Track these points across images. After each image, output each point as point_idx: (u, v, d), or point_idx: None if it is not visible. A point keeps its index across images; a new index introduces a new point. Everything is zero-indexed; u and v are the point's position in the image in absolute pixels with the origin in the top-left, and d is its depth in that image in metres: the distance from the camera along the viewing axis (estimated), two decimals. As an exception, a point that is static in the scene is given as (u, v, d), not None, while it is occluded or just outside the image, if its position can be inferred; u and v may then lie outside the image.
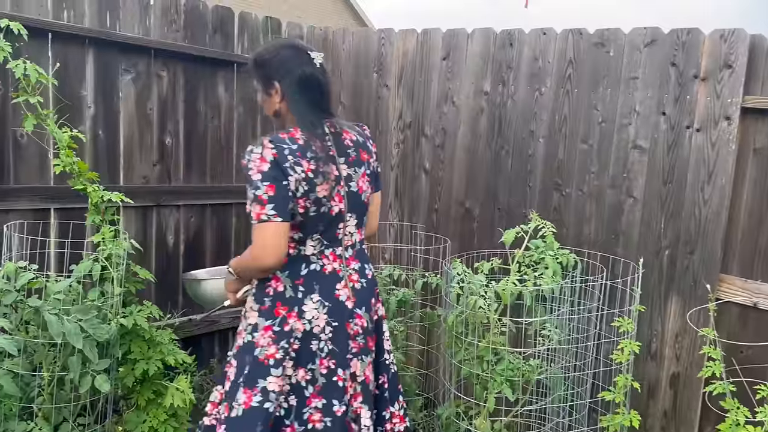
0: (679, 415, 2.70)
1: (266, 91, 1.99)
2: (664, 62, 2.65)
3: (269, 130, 3.77)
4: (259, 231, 1.83)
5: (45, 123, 2.50)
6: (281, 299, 1.92)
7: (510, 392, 2.34)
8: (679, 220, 2.65)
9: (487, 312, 2.33)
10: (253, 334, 1.93)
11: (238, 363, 1.95)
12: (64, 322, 2.10)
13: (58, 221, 2.89)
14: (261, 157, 1.82)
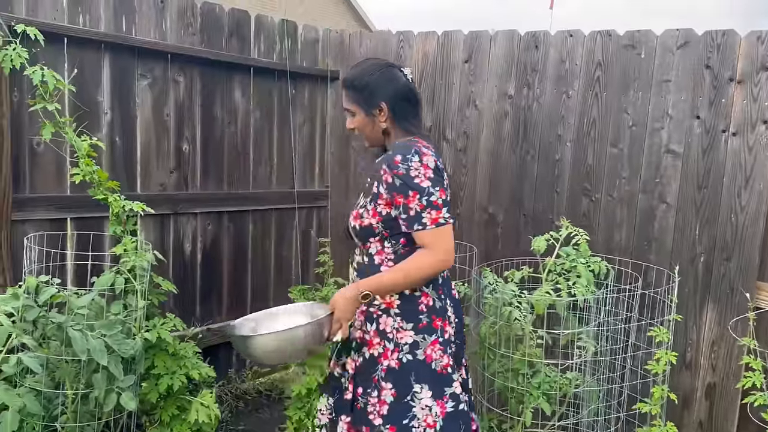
0: (716, 426, 2.64)
1: (370, 112, 2.01)
2: (698, 64, 2.59)
3: (286, 136, 3.72)
4: (441, 234, 1.90)
5: (63, 131, 2.43)
6: (434, 312, 2.00)
7: (547, 406, 2.27)
8: (714, 226, 2.58)
9: (523, 323, 2.26)
10: (415, 352, 1.96)
11: (399, 383, 1.96)
12: (89, 338, 2.03)
13: (75, 231, 2.82)
14: (424, 164, 1.89)
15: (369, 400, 1.99)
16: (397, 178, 1.90)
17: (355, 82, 2.04)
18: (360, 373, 2.02)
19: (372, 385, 1.99)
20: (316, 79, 3.83)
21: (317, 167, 3.94)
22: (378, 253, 2.03)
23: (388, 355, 1.98)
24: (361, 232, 2.02)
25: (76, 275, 2.84)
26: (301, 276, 3.90)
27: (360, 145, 3.75)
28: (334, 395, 2.10)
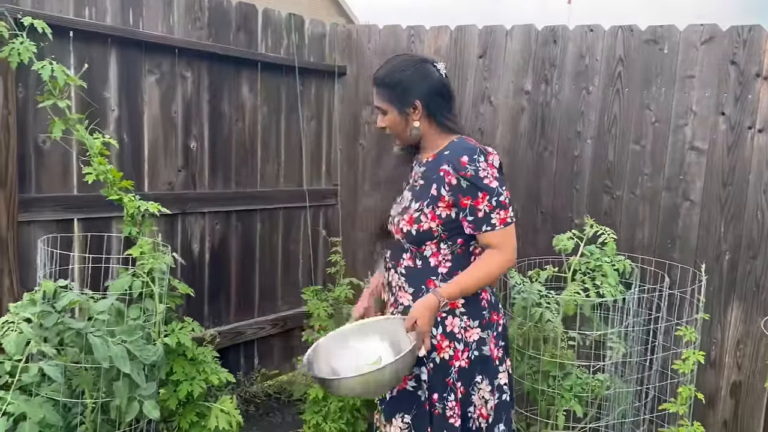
0: (741, 425, 2.61)
1: (403, 111, 1.95)
2: (722, 60, 2.55)
3: (293, 133, 3.64)
4: (509, 234, 1.91)
5: (74, 128, 2.33)
6: (492, 307, 2.03)
7: (579, 408, 2.23)
8: (740, 224, 2.56)
9: (555, 324, 2.21)
10: (481, 348, 1.98)
11: (467, 380, 1.97)
12: (110, 345, 1.94)
13: (83, 233, 2.72)
14: (490, 164, 1.88)
15: (447, 404, 1.96)
16: (464, 179, 1.85)
17: (387, 80, 1.97)
18: (433, 379, 1.96)
19: (448, 389, 1.96)
20: (323, 75, 3.74)
21: (324, 165, 3.86)
22: (433, 255, 1.97)
23: (459, 356, 1.95)
24: (418, 237, 1.95)
25: (85, 278, 2.74)
26: (313, 276, 3.82)
27: (369, 143, 3.69)
28: (410, 411, 1.98)
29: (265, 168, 3.52)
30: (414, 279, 2.00)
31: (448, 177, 1.89)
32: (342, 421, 2.85)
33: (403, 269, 2.03)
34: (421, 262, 1.99)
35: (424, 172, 1.99)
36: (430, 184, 1.94)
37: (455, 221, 1.92)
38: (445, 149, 1.95)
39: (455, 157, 1.88)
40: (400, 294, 2.04)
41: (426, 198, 1.94)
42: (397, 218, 2.02)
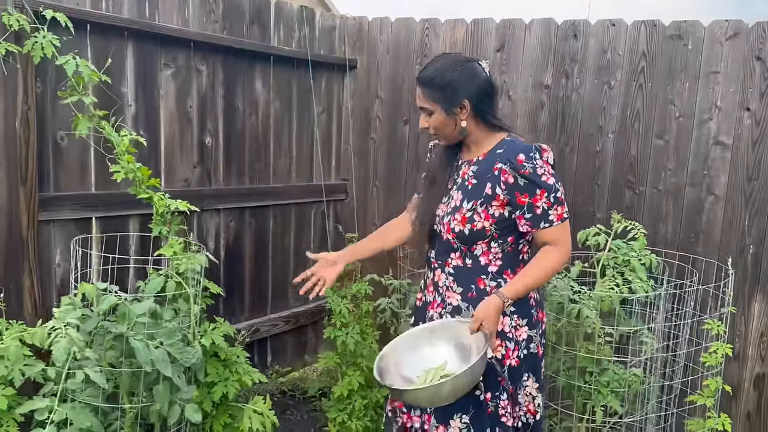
0: (765, 416, 2.65)
1: (451, 111, 1.94)
2: (748, 56, 2.57)
3: (305, 128, 3.59)
4: (566, 230, 1.93)
5: (99, 126, 2.27)
6: (539, 306, 2.05)
7: (617, 404, 2.24)
8: (764, 218, 2.59)
9: (593, 320, 2.21)
10: (529, 346, 1.99)
11: (516, 378, 1.99)
12: (151, 348, 1.89)
13: (110, 234, 2.65)
14: (545, 161, 1.89)
15: (499, 403, 1.96)
16: (522, 177, 1.85)
17: (435, 80, 1.95)
18: (486, 379, 1.95)
19: (500, 388, 1.96)
20: (333, 68, 3.70)
21: (334, 159, 3.82)
22: (484, 254, 1.96)
23: (510, 355, 1.96)
24: (471, 236, 1.94)
25: (109, 279, 2.67)
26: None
27: (381, 137, 3.66)
28: (468, 412, 1.97)
29: (278, 163, 3.47)
30: (463, 278, 2.00)
31: (505, 176, 1.88)
32: (366, 418, 2.84)
33: (451, 269, 2.02)
34: (471, 261, 1.98)
35: (476, 171, 1.97)
36: (484, 183, 1.93)
37: (508, 219, 1.92)
38: (497, 148, 1.94)
39: (512, 156, 1.87)
40: (448, 294, 2.03)
41: (480, 197, 1.93)
42: (447, 218, 2.00)
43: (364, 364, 2.90)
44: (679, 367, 2.56)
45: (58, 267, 2.58)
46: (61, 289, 2.59)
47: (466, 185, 1.98)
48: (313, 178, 3.70)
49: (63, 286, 2.59)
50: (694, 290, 2.51)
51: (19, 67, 2.31)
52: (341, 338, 2.87)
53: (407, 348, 1.98)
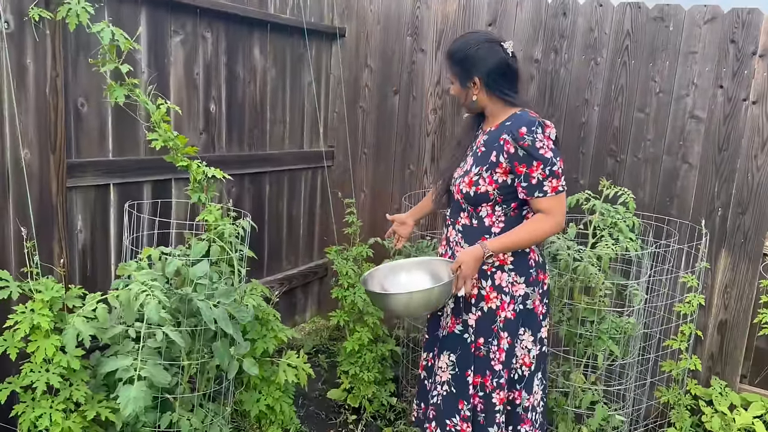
0: (725, 356, 3.04)
1: (465, 85, 2.18)
2: (723, 39, 2.87)
3: (297, 95, 3.66)
4: (559, 201, 2.09)
5: (134, 94, 2.31)
6: (539, 267, 2.24)
7: (616, 348, 2.54)
8: (732, 184, 2.93)
9: (598, 276, 2.49)
10: (525, 302, 2.20)
11: (512, 331, 2.19)
12: (212, 308, 2.01)
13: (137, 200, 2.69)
14: (546, 136, 2.06)
15: (490, 348, 2.18)
16: (521, 149, 2.05)
17: (454, 56, 2.20)
18: (480, 325, 2.18)
19: (492, 334, 2.18)
20: (322, 36, 3.78)
21: (322, 127, 3.93)
22: (488, 216, 2.18)
23: (505, 307, 2.17)
24: (475, 198, 2.15)
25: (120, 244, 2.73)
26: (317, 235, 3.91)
27: (370, 106, 3.78)
28: (456, 351, 2.23)
29: (273, 130, 3.56)
30: (469, 236, 2.23)
31: (507, 146, 2.09)
32: (375, 370, 3.04)
33: (460, 227, 2.26)
34: (477, 221, 2.21)
35: (486, 140, 2.18)
36: (491, 151, 2.14)
37: (510, 186, 2.13)
38: (507, 120, 2.15)
39: (515, 128, 2.08)
40: (457, 249, 2.26)
41: (486, 163, 2.15)
42: (458, 180, 2.23)
43: (371, 321, 3.09)
44: (658, 316, 2.90)
45: (80, 233, 2.61)
46: (83, 255, 2.63)
47: (477, 152, 2.21)
48: (303, 144, 3.81)
49: (84, 252, 2.63)
50: (675, 250, 2.83)
51: (48, 33, 2.30)
52: (350, 297, 3.04)
53: (389, 271, 2.39)
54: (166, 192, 2.94)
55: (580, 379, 2.67)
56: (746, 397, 2.89)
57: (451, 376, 2.24)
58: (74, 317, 1.73)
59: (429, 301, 2.12)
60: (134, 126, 2.75)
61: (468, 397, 2.20)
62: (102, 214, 2.68)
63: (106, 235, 2.71)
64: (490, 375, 2.19)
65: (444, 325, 2.29)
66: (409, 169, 3.71)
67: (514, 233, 2.11)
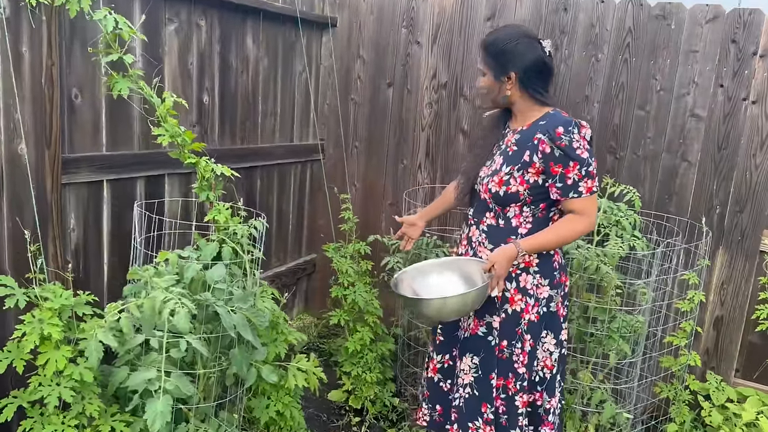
0: (720, 351, 3.10)
1: (499, 78, 2.11)
2: (724, 38, 2.89)
3: (288, 86, 3.54)
4: (593, 202, 2.08)
5: (138, 86, 2.17)
6: (562, 269, 2.23)
7: (627, 347, 2.54)
8: (730, 182, 2.97)
9: (611, 275, 2.48)
10: (549, 305, 2.18)
11: (535, 333, 2.17)
12: (230, 313, 1.91)
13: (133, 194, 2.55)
14: (582, 136, 2.03)
15: (514, 350, 2.16)
16: (558, 149, 2.01)
17: (492, 47, 2.12)
18: (504, 327, 2.14)
19: (516, 337, 2.15)
20: (313, 26, 3.67)
21: (311, 119, 3.82)
22: (516, 216, 2.13)
23: (529, 310, 2.14)
24: (505, 198, 2.11)
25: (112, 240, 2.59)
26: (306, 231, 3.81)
27: (362, 98, 3.70)
28: (479, 354, 2.19)
29: (265, 123, 3.44)
30: (495, 237, 2.18)
31: (543, 146, 2.05)
32: (377, 370, 2.98)
33: (485, 227, 2.21)
34: (504, 221, 2.16)
35: (518, 139, 2.13)
36: (524, 150, 2.10)
37: (542, 187, 2.09)
38: (541, 119, 2.11)
39: (551, 128, 2.04)
40: (480, 249, 2.22)
41: (518, 163, 2.10)
42: (486, 179, 2.17)
43: (371, 320, 3.02)
44: (659, 314, 2.93)
45: (73, 232, 2.46)
46: (75, 255, 2.48)
47: (508, 151, 2.15)
48: (294, 137, 3.70)
49: (77, 252, 2.48)
50: (677, 248, 2.86)
51: (44, 19, 2.14)
52: (350, 296, 2.97)
53: (418, 273, 2.30)
54: (159, 188, 2.80)
55: (588, 378, 2.67)
56: (741, 391, 2.95)
57: (473, 379, 2.20)
58: (96, 328, 1.61)
59: (465, 304, 2.04)
60: (128, 118, 2.60)
61: (491, 400, 2.17)
62: (95, 212, 2.53)
63: (98, 233, 2.56)
64: (513, 378, 2.16)
65: (465, 327, 2.25)
66: (403, 164, 3.65)
67: (547, 233, 2.07)
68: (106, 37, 2.11)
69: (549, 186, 2.07)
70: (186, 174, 2.91)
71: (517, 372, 2.16)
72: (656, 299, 2.89)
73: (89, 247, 2.53)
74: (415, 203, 3.26)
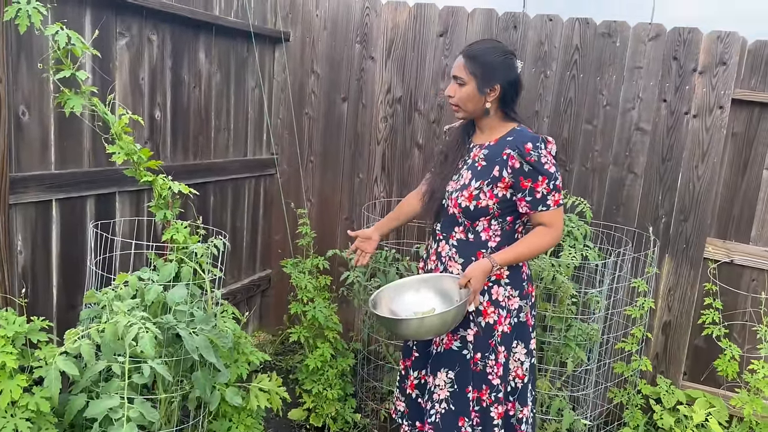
0: (669, 356, 3.22)
1: (482, 89, 2.12)
2: (666, 56, 3.02)
3: (241, 101, 3.51)
4: (560, 214, 2.13)
5: (91, 103, 2.12)
6: (529, 280, 2.27)
7: (583, 355, 2.61)
8: (674, 193, 3.09)
9: (568, 285, 2.54)
10: (519, 315, 2.21)
11: (508, 344, 2.21)
12: (193, 335, 1.88)
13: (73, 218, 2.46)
14: (549, 152, 2.09)
15: (487, 362, 2.18)
16: (527, 164, 2.05)
17: (480, 58, 2.14)
18: (478, 340, 2.17)
19: (489, 349, 2.18)
20: (265, 40, 3.65)
21: (265, 134, 3.79)
22: (485, 230, 2.16)
23: (502, 321, 2.18)
24: (475, 212, 2.14)
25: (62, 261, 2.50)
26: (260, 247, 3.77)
27: (317, 112, 3.70)
28: (454, 368, 2.20)
29: (218, 138, 3.39)
30: (465, 251, 2.21)
31: (512, 161, 2.09)
32: (338, 387, 2.96)
33: (455, 241, 2.22)
34: (473, 235, 2.19)
35: (486, 154, 2.16)
36: (493, 165, 2.13)
37: (510, 201, 2.14)
38: (508, 135, 2.15)
39: (521, 143, 2.08)
40: (450, 264, 2.23)
41: (487, 178, 2.13)
42: (455, 194, 2.18)
43: (331, 335, 3.01)
44: (612, 322, 3.02)
45: (20, 254, 2.36)
46: (22, 278, 2.38)
47: (476, 166, 2.18)
48: (247, 152, 3.66)
49: (24, 274, 2.38)
50: (626, 256, 2.96)
51: (-9, 35, 2.06)
52: (310, 312, 2.95)
53: (395, 292, 2.26)
54: (110, 206, 2.72)
55: (546, 386, 2.73)
56: (690, 393, 3.07)
57: (449, 394, 2.20)
58: (56, 356, 1.55)
59: (444, 323, 2.02)
60: (78, 135, 2.53)
61: (468, 413, 2.18)
62: (44, 233, 2.44)
63: (47, 255, 2.47)
64: (487, 389, 2.18)
65: (439, 342, 2.25)
66: (359, 178, 3.66)
67: (520, 246, 2.11)
68: (57, 53, 2.05)
69: (518, 200, 2.11)
70: (138, 191, 2.85)
71: (492, 383, 2.18)
72: (608, 307, 2.98)
73: (37, 270, 2.43)
74: (373, 216, 3.27)
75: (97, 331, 1.58)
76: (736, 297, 3.10)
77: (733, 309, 3.11)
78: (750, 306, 3.07)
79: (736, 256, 3.08)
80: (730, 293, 3.09)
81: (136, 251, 2.59)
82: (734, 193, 3.09)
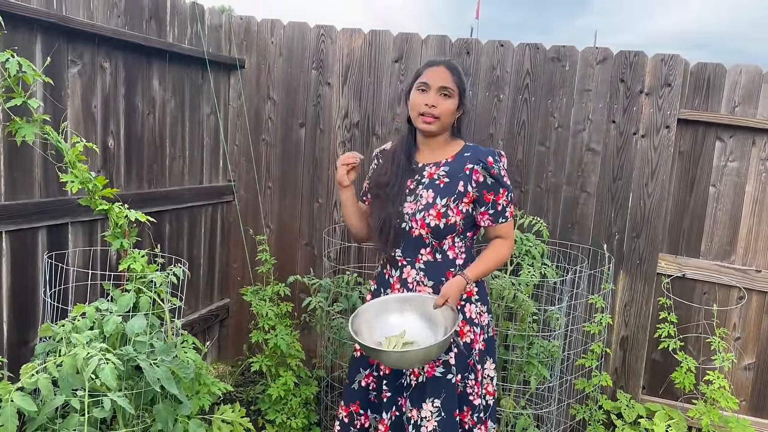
0: (628, 370, 3.28)
1: (461, 104, 2.18)
2: (614, 78, 3.14)
3: (196, 128, 3.47)
4: (513, 226, 2.20)
5: (43, 131, 2.07)
6: (489, 294, 2.34)
7: (546, 372, 2.63)
8: (626, 211, 3.19)
9: (528, 303, 2.58)
10: (488, 330, 2.25)
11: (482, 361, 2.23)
12: (154, 367, 1.82)
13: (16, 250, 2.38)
14: (503, 165, 2.17)
15: (467, 383, 2.17)
16: (490, 177, 2.09)
17: (458, 72, 2.19)
18: (458, 361, 2.16)
19: (469, 368, 2.17)
20: (220, 67, 3.63)
21: (221, 161, 3.76)
22: (450, 248, 2.17)
23: (477, 339, 2.19)
24: (444, 230, 2.13)
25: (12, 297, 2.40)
26: (218, 275, 3.70)
27: (273, 138, 3.69)
28: (440, 395, 2.11)
29: (173, 165, 3.34)
30: (434, 272, 2.16)
31: (476, 175, 2.11)
32: (302, 416, 2.92)
33: (422, 264, 2.17)
34: (441, 255, 2.16)
35: (448, 171, 2.15)
36: (457, 181, 2.12)
37: (471, 216, 2.16)
38: (464, 151, 2.18)
39: (482, 157, 2.12)
40: (419, 288, 2.17)
41: (453, 194, 2.11)
42: (419, 215, 2.12)
43: (294, 363, 2.97)
44: (572, 338, 3.07)
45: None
46: (-30, 314, 2.28)
47: (438, 184, 2.14)
48: (203, 179, 3.61)
49: (-28, 310, 2.29)
50: (583, 273, 3.02)
51: (-65, 62, 2.00)
52: (272, 340, 2.91)
53: (376, 312, 2.15)
54: (62, 237, 2.64)
55: (511, 405, 2.74)
56: (649, 407, 3.13)
57: (437, 423, 2.10)
58: (11, 392, 1.48)
59: (428, 356, 1.96)
60: (29, 164, 2.45)
61: None
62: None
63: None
64: (468, 410, 2.17)
65: (418, 372, 2.15)
66: (318, 203, 3.65)
67: (486, 260, 2.13)
68: (8, 80, 2.00)
69: (480, 214, 2.13)
70: (91, 222, 2.77)
71: (473, 404, 2.17)
72: (568, 324, 3.03)
73: (-14, 304, 2.34)
74: (334, 240, 3.26)
75: (55, 364, 1.52)
76: (690, 310, 3.20)
77: (687, 322, 3.21)
78: (703, 318, 3.17)
79: (688, 270, 3.18)
80: (684, 306, 3.18)
81: (92, 282, 2.51)
82: (683, 210, 3.20)
